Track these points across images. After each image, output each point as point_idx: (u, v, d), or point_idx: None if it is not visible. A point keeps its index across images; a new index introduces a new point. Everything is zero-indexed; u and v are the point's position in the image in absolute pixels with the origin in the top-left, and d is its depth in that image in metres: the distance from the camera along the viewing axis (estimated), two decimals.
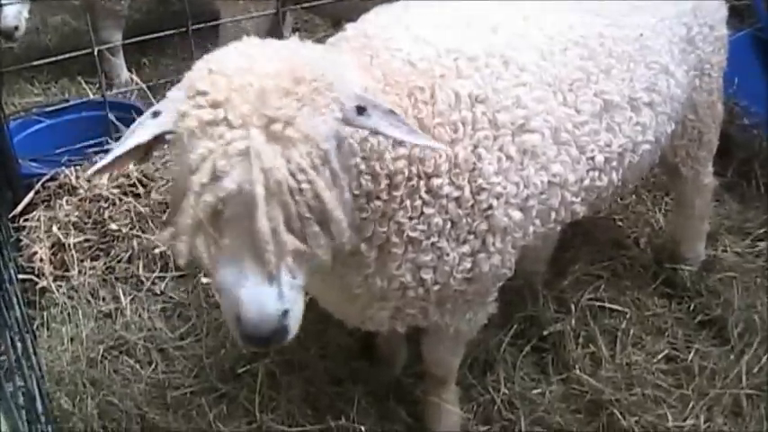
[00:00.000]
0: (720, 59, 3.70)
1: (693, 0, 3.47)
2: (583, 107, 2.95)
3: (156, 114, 2.23)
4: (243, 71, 2.17)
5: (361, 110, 2.26)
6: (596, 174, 3.05)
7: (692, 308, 4.09)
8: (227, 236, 2.12)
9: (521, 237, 2.82)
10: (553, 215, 2.96)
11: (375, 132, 2.34)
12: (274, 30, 5.25)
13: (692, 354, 3.83)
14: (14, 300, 3.45)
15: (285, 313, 2.16)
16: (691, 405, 3.61)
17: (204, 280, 4.04)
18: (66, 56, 4.67)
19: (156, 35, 4.90)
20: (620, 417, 3.50)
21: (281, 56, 2.27)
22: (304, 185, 2.12)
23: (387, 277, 2.68)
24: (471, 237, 2.69)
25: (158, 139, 2.23)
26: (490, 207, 2.67)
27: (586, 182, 3.01)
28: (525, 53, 2.87)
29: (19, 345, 3.06)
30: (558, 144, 2.86)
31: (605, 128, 3.04)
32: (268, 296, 2.14)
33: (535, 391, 3.64)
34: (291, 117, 2.11)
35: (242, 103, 2.11)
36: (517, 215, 2.74)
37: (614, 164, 3.11)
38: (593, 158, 3.01)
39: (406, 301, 2.80)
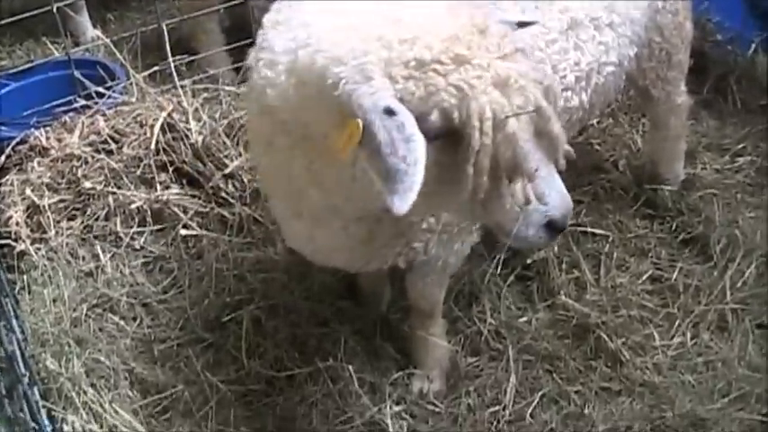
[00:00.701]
0: None
1: None
2: (550, 24, 2.95)
3: (390, 112, 2.07)
4: (434, 24, 2.17)
5: None
6: (568, 94, 3.08)
7: (673, 227, 4.10)
8: (532, 158, 2.19)
9: None
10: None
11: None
12: None
13: (675, 272, 3.85)
14: None
15: None
16: (677, 323, 3.65)
17: (183, 232, 4.01)
18: (27, 15, 4.57)
19: None
20: (607, 339, 3.52)
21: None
22: (546, 82, 2.30)
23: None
24: None
25: None
26: None
27: (560, 102, 2.99)
28: None
29: None
30: (533, 62, 2.83)
31: (573, 46, 3.06)
32: (563, 187, 2.32)
33: (522, 320, 3.65)
34: (505, 33, 2.25)
35: (477, 45, 2.15)
36: None
37: (583, 83, 3.13)
38: (564, 77, 3.03)
39: (415, 234, 2.82)
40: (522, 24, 2.43)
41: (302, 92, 2.27)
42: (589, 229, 4.02)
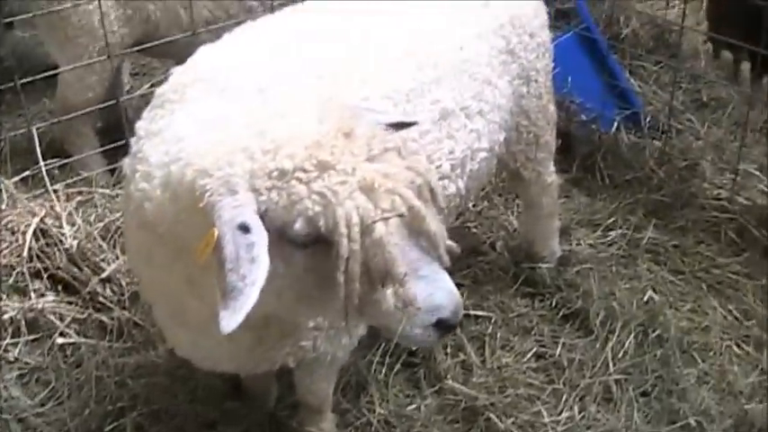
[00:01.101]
0: (545, 63, 3.79)
1: (511, 10, 3.53)
2: (422, 116, 3.00)
3: (245, 228, 2.07)
4: (303, 132, 2.17)
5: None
6: (445, 182, 3.11)
7: (553, 303, 4.18)
8: (401, 263, 2.16)
9: None
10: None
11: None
12: (114, 76, 5.14)
13: (559, 348, 3.93)
14: None
15: None
16: (564, 398, 3.70)
17: (60, 340, 3.87)
18: None
19: None
20: (496, 420, 3.55)
21: (290, 107, 2.29)
22: (418, 179, 2.25)
23: None
24: None
25: None
26: None
27: (440, 200, 3.04)
28: (364, 65, 2.91)
29: None
30: (409, 158, 2.88)
31: (446, 135, 3.11)
32: (450, 283, 2.28)
33: (410, 407, 3.64)
34: (373, 135, 2.24)
35: (341, 149, 2.15)
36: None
37: (458, 171, 3.18)
38: (440, 166, 3.07)
39: (303, 333, 2.80)
40: (398, 126, 2.43)
41: (177, 206, 2.26)
42: (471, 312, 4.06)
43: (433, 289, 2.24)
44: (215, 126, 2.29)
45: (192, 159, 2.22)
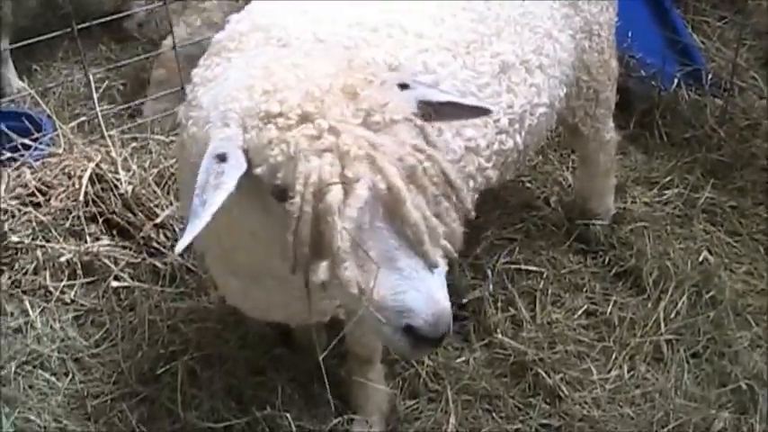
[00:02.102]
0: (609, 17, 3.72)
1: None
2: (482, 68, 2.96)
3: (222, 158, 2.06)
4: (302, 80, 2.12)
5: (403, 86, 2.24)
6: (503, 137, 3.09)
7: (606, 261, 4.15)
8: (374, 246, 2.02)
9: None
10: (471, 183, 2.99)
11: (424, 102, 2.26)
12: None
13: (610, 306, 3.89)
14: None
15: None
16: (613, 356, 3.68)
17: (114, 284, 3.94)
18: None
19: (41, 38, 4.74)
20: (545, 375, 3.54)
21: (311, 57, 2.24)
22: (426, 163, 2.08)
23: None
24: None
25: None
26: None
27: (495, 146, 3.05)
28: (419, 21, 2.86)
29: None
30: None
31: (506, 89, 3.07)
32: (437, 289, 2.05)
33: (459, 360, 3.64)
34: (384, 102, 2.09)
35: (333, 106, 2.05)
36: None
37: (517, 126, 3.14)
38: (498, 121, 3.04)
39: None
40: (449, 108, 2.31)
41: None
42: (523, 267, 4.05)
43: (407, 287, 2.04)
44: (256, 66, 2.28)
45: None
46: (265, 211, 2.17)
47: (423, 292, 2.04)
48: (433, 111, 2.31)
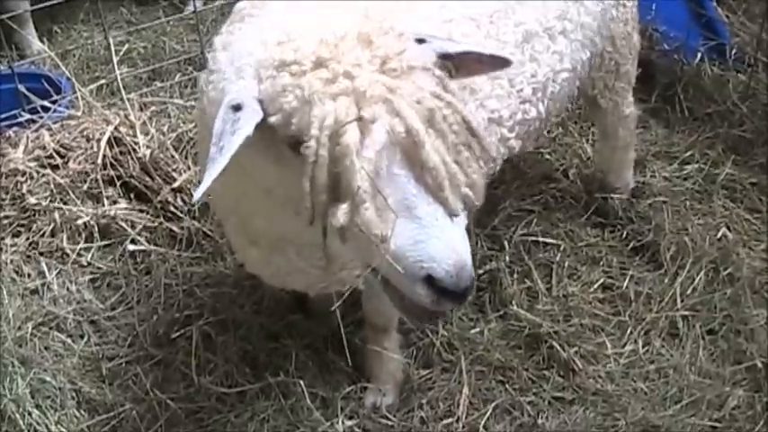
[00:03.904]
0: None
1: None
2: (506, 38, 2.93)
3: (237, 108, 2.04)
4: (317, 30, 2.09)
5: (420, 41, 2.21)
6: (526, 106, 3.07)
7: (624, 235, 4.12)
8: (392, 194, 1.98)
9: None
10: (494, 152, 2.94)
11: (443, 56, 2.22)
12: None
13: (626, 280, 3.88)
14: None
15: None
16: (629, 331, 3.67)
17: (131, 247, 3.95)
18: None
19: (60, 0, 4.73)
20: (559, 348, 3.53)
21: (328, 12, 2.22)
22: (446, 110, 2.04)
23: None
24: None
25: None
26: None
27: (518, 116, 3.03)
28: None
29: None
30: (491, 78, 2.83)
31: (529, 58, 3.05)
32: (458, 239, 1.99)
33: (473, 331, 3.64)
34: (401, 50, 2.06)
35: (348, 52, 2.02)
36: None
37: (540, 95, 3.12)
38: (521, 91, 3.02)
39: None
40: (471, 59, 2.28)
41: None
42: (540, 239, 4.03)
43: (427, 236, 1.98)
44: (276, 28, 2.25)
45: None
46: (281, 165, 2.13)
47: (443, 240, 1.99)
48: (453, 67, 2.27)
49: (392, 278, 2.09)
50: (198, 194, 2.01)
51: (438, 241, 1.98)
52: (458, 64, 2.29)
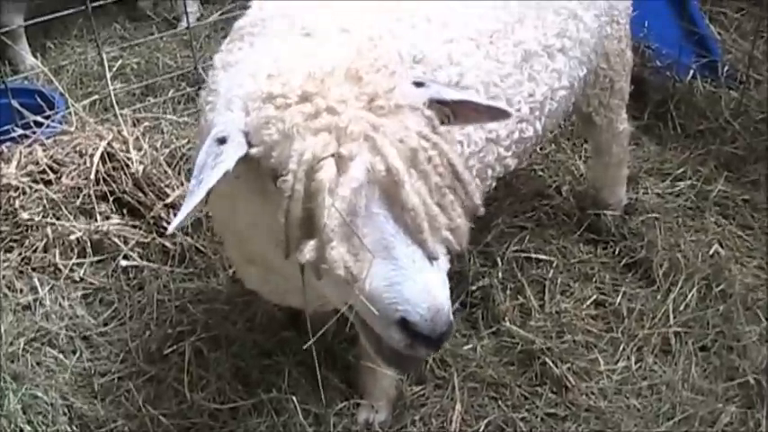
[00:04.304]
0: (627, 5, 3.71)
1: None
2: (505, 58, 2.94)
3: (222, 141, 2.03)
4: (308, 67, 2.09)
5: (418, 84, 2.19)
6: (524, 125, 3.08)
7: (617, 252, 4.13)
8: (369, 233, 1.97)
9: None
10: (490, 172, 2.99)
11: (438, 101, 2.20)
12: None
13: (619, 297, 3.88)
14: None
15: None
16: (621, 347, 3.67)
17: (123, 263, 3.94)
18: None
19: (55, 15, 4.73)
20: (552, 365, 3.53)
21: (324, 46, 2.22)
22: (431, 151, 2.03)
23: None
24: None
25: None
26: None
27: (516, 135, 3.04)
28: (443, 9, 2.85)
29: None
30: (489, 98, 2.83)
31: (527, 78, 3.05)
32: (435, 282, 1.96)
33: (466, 347, 3.64)
34: (390, 88, 2.04)
35: (336, 87, 2.01)
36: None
37: (537, 113, 3.13)
38: (519, 110, 3.02)
39: None
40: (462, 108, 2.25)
41: None
42: (533, 255, 4.04)
43: (403, 278, 1.95)
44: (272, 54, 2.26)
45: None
46: (264, 197, 2.13)
47: (419, 283, 1.96)
48: (451, 113, 2.26)
49: (368, 319, 2.08)
50: (172, 227, 2.04)
51: (414, 284, 1.95)
52: (455, 111, 2.27)
